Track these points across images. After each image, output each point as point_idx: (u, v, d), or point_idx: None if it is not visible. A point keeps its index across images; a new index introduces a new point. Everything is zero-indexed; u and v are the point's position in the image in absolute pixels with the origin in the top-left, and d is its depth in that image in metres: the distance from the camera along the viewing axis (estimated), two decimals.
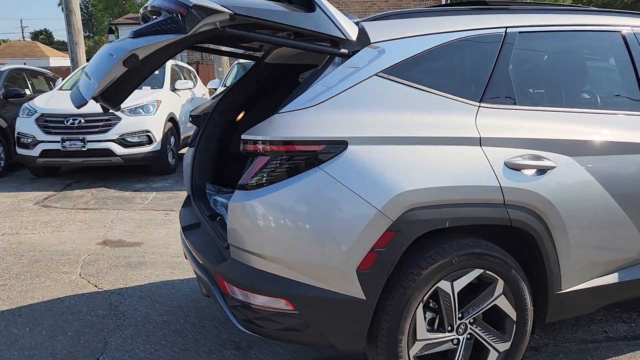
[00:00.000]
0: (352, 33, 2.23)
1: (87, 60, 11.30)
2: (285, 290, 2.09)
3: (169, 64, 9.09)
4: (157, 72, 8.91)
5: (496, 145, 2.26)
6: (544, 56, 2.56)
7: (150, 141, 7.52)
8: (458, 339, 2.31)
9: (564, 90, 2.56)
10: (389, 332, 2.16)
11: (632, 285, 2.65)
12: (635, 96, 2.64)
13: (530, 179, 2.27)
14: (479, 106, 2.30)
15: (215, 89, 9.80)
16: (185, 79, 9.68)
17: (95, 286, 3.83)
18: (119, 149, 7.31)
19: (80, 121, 7.20)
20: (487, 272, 2.29)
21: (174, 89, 8.67)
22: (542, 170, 2.31)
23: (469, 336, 2.34)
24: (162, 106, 7.89)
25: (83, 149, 7.22)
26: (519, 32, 2.46)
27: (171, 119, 8.19)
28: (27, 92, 9.32)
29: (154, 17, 2.35)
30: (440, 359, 2.36)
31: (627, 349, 2.86)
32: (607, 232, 2.50)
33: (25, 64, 24.84)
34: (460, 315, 2.30)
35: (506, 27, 2.45)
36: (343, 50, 2.22)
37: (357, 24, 2.32)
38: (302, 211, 2.06)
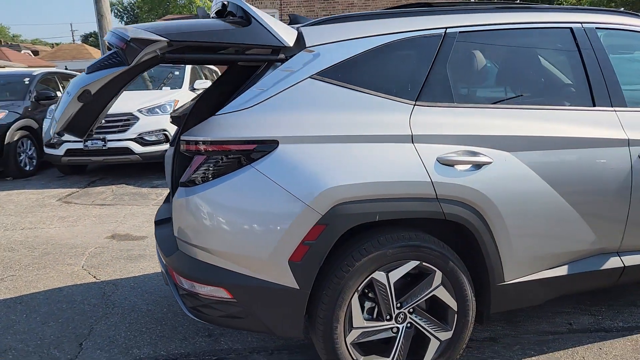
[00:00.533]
0: (290, 39, 2.36)
1: None
2: (224, 280, 2.25)
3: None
4: (177, 72, 9.27)
5: (429, 142, 2.34)
6: (485, 55, 2.62)
7: (167, 139, 7.81)
8: (398, 328, 2.42)
9: (504, 87, 2.61)
10: (325, 320, 2.29)
11: (586, 277, 2.69)
12: (581, 91, 2.66)
13: (464, 174, 2.35)
14: (414, 105, 2.39)
15: None
16: (206, 78, 9.97)
17: (94, 277, 4.10)
18: (137, 148, 7.65)
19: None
20: (424, 263, 2.38)
21: (193, 89, 8.95)
22: (477, 166, 2.38)
23: (409, 325, 2.44)
24: (179, 105, 8.17)
25: (104, 148, 7.59)
26: (459, 32, 2.53)
27: None
28: (58, 94, 9.82)
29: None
30: (383, 347, 2.47)
31: (586, 340, 2.89)
32: (552, 225, 2.54)
33: (66, 67, 25.88)
34: (399, 304, 2.40)
35: (446, 28, 2.52)
36: (280, 56, 2.35)
37: (298, 30, 2.45)
38: (236, 207, 2.21)
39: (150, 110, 7.80)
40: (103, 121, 7.52)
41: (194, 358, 2.89)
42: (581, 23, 2.71)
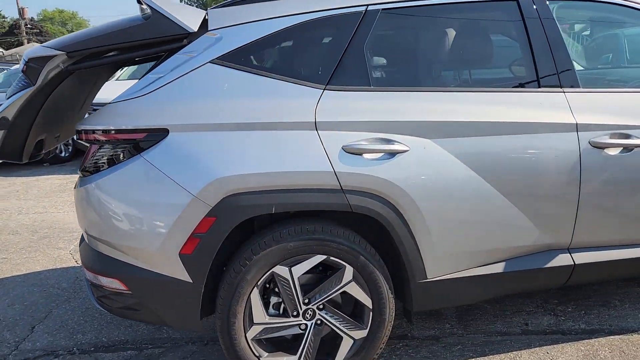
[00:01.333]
0: (194, 24, 2.25)
1: None
2: (119, 271, 2.21)
3: None
4: None
5: (335, 129, 2.19)
6: (411, 34, 2.41)
7: None
8: (306, 325, 2.31)
9: (431, 69, 2.40)
10: (222, 315, 2.22)
11: (529, 276, 2.46)
12: (523, 71, 2.41)
13: (373, 164, 2.18)
14: (324, 89, 2.24)
15: None
16: None
17: (76, 261, 4.21)
18: None
19: None
20: (332, 258, 2.25)
21: None
22: (391, 154, 2.21)
23: (319, 322, 2.32)
24: None
25: None
26: (382, 10, 2.34)
27: None
28: None
29: None
30: (293, 344, 2.37)
31: (537, 343, 2.65)
32: (482, 219, 2.33)
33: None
34: (306, 300, 2.29)
35: (367, 5, 2.33)
36: (183, 42, 2.26)
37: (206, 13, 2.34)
38: (126, 197, 2.16)
39: None
40: None
41: (132, 345, 2.90)
42: None
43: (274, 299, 2.30)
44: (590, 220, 2.45)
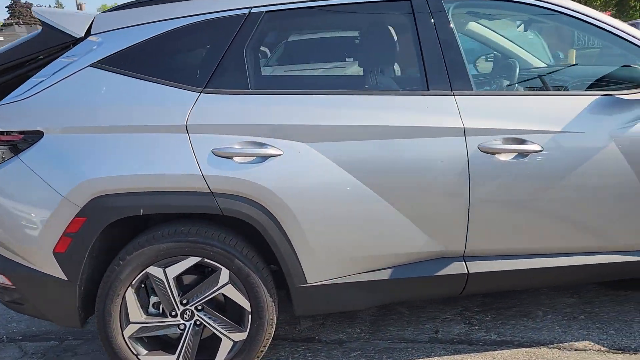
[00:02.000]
0: (81, 30, 2.31)
1: None
2: (3, 267, 2.31)
3: None
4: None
5: (207, 132, 2.20)
6: (296, 36, 2.38)
7: None
8: (185, 325, 2.34)
9: (315, 71, 2.36)
10: (98, 313, 2.28)
11: (419, 283, 2.40)
12: (412, 73, 2.34)
13: (244, 167, 2.19)
14: (201, 93, 2.25)
15: None
16: None
17: None
18: None
19: None
20: (206, 260, 2.27)
21: None
22: (263, 158, 2.20)
23: (198, 323, 2.34)
24: None
25: None
26: (267, 12, 2.32)
27: None
28: None
29: None
30: (175, 343, 2.40)
31: (438, 353, 2.58)
32: (363, 225, 2.29)
33: None
34: (185, 301, 2.31)
35: (251, 8, 2.32)
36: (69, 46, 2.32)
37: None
38: (3, 197, 2.24)
39: None
40: None
41: (55, 336, 3.02)
42: None
43: (154, 299, 2.34)
44: (484, 229, 2.36)
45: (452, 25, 2.36)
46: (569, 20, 2.41)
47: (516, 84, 2.87)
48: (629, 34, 2.38)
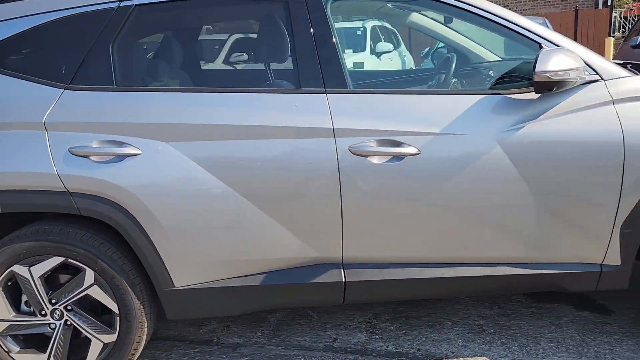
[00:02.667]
0: None
1: None
2: None
3: (370, 25, 9.10)
4: (359, 32, 8.97)
5: (66, 130, 2.16)
6: (166, 31, 2.30)
7: None
8: (55, 324, 2.32)
9: (182, 68, 2.27)
10: None
11: (294, 290, 2.30)
12: (285, 71, 2.22)
13: (100, 167, 2.13)
14: (64, 89, 2.20)
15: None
16: (385, 41, 9.60)
17: None
18: None
19: None
20: (70, 260, 2.23)
21: (379, 53, 8.69)
22: (121, 157, 2.14)
23: (69, 322, 2.32)
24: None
25: None
26: (137, 5, 2.25)
27: None
28: None
29: None
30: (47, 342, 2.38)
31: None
32: (229, 228, 2.20)
33: None
34: (54, 300, 2.29)
35: (120, 1, 2.25)
36: None
37: None
38: None
39: None
40: None
41: None
42: None
43: (25, 297, 2.34)
44: (360, 235, 2.23)
45: (329, 19, 2.21)
46: (456, 12, 2.22)
47: (400, 83, 2.68)
48: (523, 27, 2.17)
